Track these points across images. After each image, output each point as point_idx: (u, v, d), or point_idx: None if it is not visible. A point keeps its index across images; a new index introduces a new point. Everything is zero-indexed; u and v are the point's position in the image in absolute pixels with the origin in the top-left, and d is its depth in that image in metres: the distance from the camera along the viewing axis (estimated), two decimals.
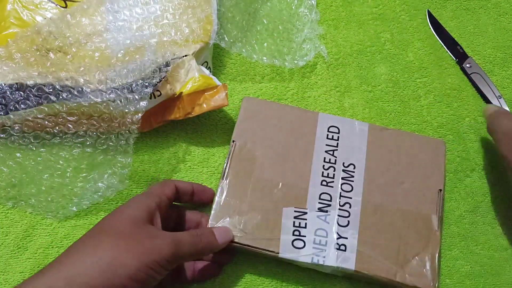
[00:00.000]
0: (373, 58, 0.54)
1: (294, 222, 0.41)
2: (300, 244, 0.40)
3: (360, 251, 0.40)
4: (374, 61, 0.54)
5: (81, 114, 0.42)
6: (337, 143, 0.45)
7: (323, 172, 0.43)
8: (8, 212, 0.44)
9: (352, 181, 0.43)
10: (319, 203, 0.42)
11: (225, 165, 0.43)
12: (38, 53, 0.44)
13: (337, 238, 0.41)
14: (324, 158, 0.44)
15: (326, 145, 0.45)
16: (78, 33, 0.45)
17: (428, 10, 0.55)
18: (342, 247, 0.40)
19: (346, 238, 0.41)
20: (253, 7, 0.53)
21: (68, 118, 0.41)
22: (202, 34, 0.46)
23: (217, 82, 0.45)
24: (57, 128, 0.42)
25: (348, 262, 0.40)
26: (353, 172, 0.44)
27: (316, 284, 0.43)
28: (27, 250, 0.42)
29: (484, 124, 0.52)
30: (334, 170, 0.44)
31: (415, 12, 0.58)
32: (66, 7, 0.46)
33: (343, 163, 0.44)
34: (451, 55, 0.55)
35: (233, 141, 0.44)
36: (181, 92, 0.44)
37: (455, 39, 0.56)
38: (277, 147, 0.44)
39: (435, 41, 0.56)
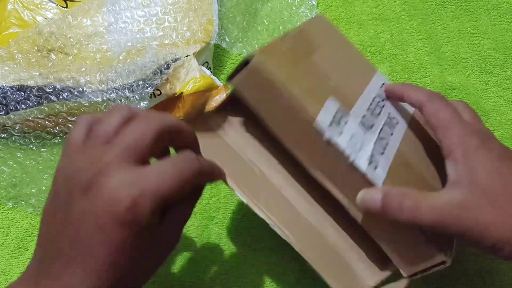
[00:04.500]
0: (373, 58, 0.54)
1: (335, 115, 0.35)
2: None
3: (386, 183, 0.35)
4: (374, 61, 0.54)
5: (81, 114, 0.42)
6: (384, 99, 0.39)
7: (371, 104, 0.38)
8: (8, 212, 0.43)
9: (393, 131, 0.38)
10: (363, 117, 0.36)
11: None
12: (40, 54, 0.44)
13: (370, 159, 0.35)
14: (374, 98, 0.38)
15: (378, 93, 0.39)
16: (79, 34, 0.45)
17: None
18: (374, 163, 0.35)
19: (376, 167, 0.35)
20: (253, 7, 0.53)
21: (68, 118, 0.42)
22: (203, 35, 0.46)
23: (218, 83, 0.45)
24: (57, 128, 0.42)
25: (377, 178, 0.34)
26: (395, 126, 0.38)
27: (316, 284, 0.43)
28: (27, 250, 0.42)
29: (485, 124, 0.52)
30: (379, 113, 0.38)
31: (415, 12, 0.58)
32: (66, 7, 0.46)
33: (389, 113, 0.39)
34: None
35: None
36: (182, 92, 0.44)
37: (455, 40, 0.56)
38: (339, 51, 0.39)
39: (435, 41, 0.56)
